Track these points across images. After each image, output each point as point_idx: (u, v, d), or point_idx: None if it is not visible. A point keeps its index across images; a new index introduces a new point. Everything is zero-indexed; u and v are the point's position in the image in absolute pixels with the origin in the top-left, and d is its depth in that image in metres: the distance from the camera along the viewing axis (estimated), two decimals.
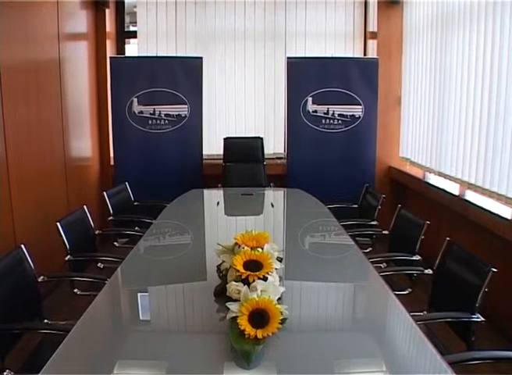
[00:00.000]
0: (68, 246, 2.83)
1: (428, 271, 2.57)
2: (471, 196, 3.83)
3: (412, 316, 1.87)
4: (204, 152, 5.33)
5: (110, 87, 5.14)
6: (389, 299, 2.08)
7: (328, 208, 3.78)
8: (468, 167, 3.83)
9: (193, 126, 5.19)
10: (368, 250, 3.46)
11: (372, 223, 3.73)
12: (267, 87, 5.74)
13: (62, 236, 2.82)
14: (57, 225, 2.82)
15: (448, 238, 2.48)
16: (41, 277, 2.42)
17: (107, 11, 5.45)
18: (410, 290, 2.77)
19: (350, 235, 3.06)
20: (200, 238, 3.17)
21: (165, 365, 1.56)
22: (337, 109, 5.12)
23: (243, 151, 5.23)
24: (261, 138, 5.29)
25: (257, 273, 1.86)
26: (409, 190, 5.15)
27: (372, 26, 5.63)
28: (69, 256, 2.83)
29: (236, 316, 1.64)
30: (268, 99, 5.75)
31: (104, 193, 3.85)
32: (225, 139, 5.30)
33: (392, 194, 5.01)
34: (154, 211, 3.66)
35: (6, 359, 1.97)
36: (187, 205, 4.02)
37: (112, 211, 3.81)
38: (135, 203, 4.24)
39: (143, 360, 1.58)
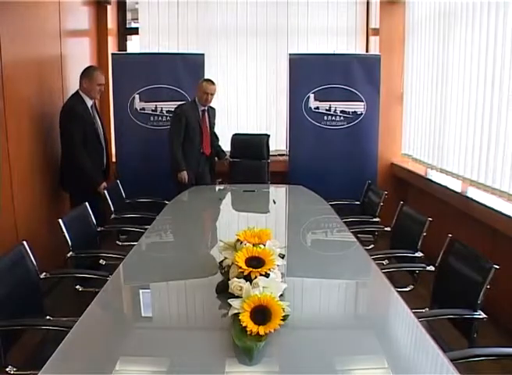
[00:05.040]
0: (70, 243, 2.84)
1: (430, 268, 2.57)
2: (474, 193, 3.82)
3: (414, 312, 1.87)
4: None
5: (112, 83, 5.13)
6: (391, 296, 2.08)
7: (330, 204, 3.77)
8: (470, 164, 3.82)
9: None
10: (370, 247, 3.46)
11: (374, 219, 3.73)
12: (269, 83, 5.73)
13: (64, 233, 2.82)
14: (59, 222, 2.82)
15: (450, 235, 2.48)
16: (43, 274, 2.42)
17: (108, 7, 5.45)
18: (412, 287, 2.77)
19: (352, 232, 3.06)
20: (202, 235, 3.17)
21: (167, 361, 1.56)
22: (339, 106, 5.11)
23: (248, 148, 5.23)
24: (268, 135, 5.28)
25: (259, 270, 1.86)
26: (411, 186, 5.14)
27: (374, 23, 5.61)
28: (71, 253, 2.83)
29: (238, 313, 1.64)
30: (270, 96, 5.74)
31: (105, 191, 3.86)
32: (234, 135, 5.32)
33: (394, 190, 5.00)
34: (147, 208, 3.69)
35: (9, 355, 1.97)
36: (189, 201, 4.02)
37: (112, 208, 3.82)
38: (127, 201, 4.24)
39: (145, 357, 1.59)
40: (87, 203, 3.31)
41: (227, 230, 3.38)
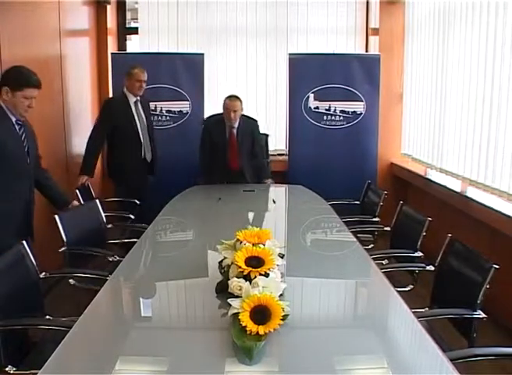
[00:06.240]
0: (65, 238, 2.86)
1: (430, 268, 2.57)
2: (473, 193, 3.82)
3: (414, 312, 1.87)
4: None
5: (111, 83, 5.13)
6: (390, 296, 2.08)
7: (330, 204, 3.77)
8: (470, 164, 3.82)
9: (194, 122, 5.18)
10: (369, 246, 3.46)
11: (374, 219, 3.73)
12: (268, 83, 5.73)
13: (59, 228, 2.84)
14: (55, 217, 2.84)
15: (450, 235, 2.48)
16: (43, 273, 2.42)
17: (108, 7, 5.45)
18: (411, 286, 2.77)
19: (352, 232, 3.06)
20: (201, 234, 3.17)
21: (166, 361, 1.56)
22: (339, 106, 5.11)
23: None
24: (267, 135, 5.28)
25: (258, 270, 1.86)
26: (411, 186, 5.14)
27: (374, 23, 5.61)
28: (64, 248, 2.84)
29: (238, 313, 1.64)
30: (270, 96, 5.74)
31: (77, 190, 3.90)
32: None
33: (393, 190, 5.01)
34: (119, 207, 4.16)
35: (8, 355, 1.97)
36: (189, 201, 4.02)
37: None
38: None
39: (144, 356, 1.59)
40: (97, 200, 3.38)
41: (227, 229, 3.37)
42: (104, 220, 3.38)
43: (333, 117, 5.13)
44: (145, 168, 4.38)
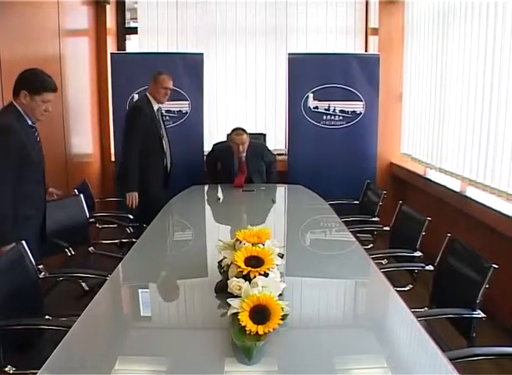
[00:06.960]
0: None
1: (429, 267, 2.58)
2: (472, 192, 3.82)
3: (413, 312, 1.87)
4: (205, 148, 5.32)
5: (111, 83, 5.13)
6: (390, 295, 2.08)
7: (329, 204, 3.78)
8: (469, 163, 3.82)
9: (194, 122, 5.18)
10: (369, 246, 3.46)
11: (373, 219, 3.73)
12: (268, 83, 5.73)
13: None
14: None
15: (449, 234, 2.49)
16: (42, 273, 2.42)
17: (107, 7, 5.45)
18: (411, 286, 2.77)
19: (351, 231, 3.06)
20: (201, 234, 3.17)
21: (166, 361, 1.56)
22: (338, 105, 5.10)
23: None
24: (264, 135, 5.28)
25: (258, 269, 1.86)
26: (410, 186, 5.14)
27: (373, 22, 5.61)
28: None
29: (238, 312, 1.64)
30: (269, 95, 5.74)
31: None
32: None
33: (393, 190, 5.01)
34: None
35: (7, 355, 1.97)
36: (188, 201, 4.02)
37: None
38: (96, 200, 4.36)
39: (144, 356, 1.59)
40: (81, 195, 3.41)
41: (226, 229, 3.38)
42: (88, 216, 3.39)
43: (333, 117, 5.13)
44: (165, 178, 4.12)
